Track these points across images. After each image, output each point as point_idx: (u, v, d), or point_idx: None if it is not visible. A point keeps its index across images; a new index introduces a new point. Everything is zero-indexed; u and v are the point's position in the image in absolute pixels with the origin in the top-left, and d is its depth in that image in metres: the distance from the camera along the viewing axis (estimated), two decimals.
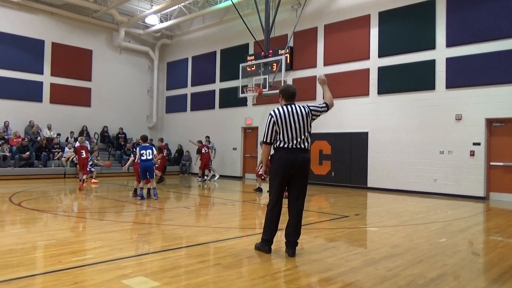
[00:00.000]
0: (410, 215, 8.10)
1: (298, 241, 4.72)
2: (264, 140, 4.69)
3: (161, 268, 4.07)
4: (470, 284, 3.84)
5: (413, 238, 5.85)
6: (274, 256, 4.62)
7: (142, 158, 9.39)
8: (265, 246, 4.70)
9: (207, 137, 16.35)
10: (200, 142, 15.75)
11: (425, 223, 7.17)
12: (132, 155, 11.00)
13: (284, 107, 4.69)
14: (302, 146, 4.63)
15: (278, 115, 4.61)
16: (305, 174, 4.72)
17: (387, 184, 13.09)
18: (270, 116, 4.65)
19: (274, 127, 4.61)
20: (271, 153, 4.79)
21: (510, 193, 11.02)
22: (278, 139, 4.63)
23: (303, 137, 4.65)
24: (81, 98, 19.03)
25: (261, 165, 11.15)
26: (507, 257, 4.91)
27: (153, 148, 9.80)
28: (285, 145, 4.59)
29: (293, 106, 4.72)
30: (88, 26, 19.20)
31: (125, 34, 19.85)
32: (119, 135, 19.52)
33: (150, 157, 9.44)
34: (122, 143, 19.13)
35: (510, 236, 6.27)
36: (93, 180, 14.46)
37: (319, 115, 4.80)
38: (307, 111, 4.71)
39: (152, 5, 18.21)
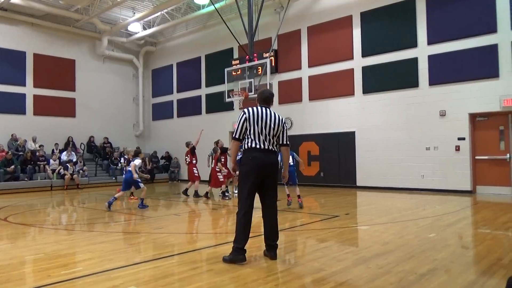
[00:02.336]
0: (400, 212, 8.18)
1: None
2: (235, 136, 4.61)
3: (153, 277, 4.03)
4: (460, 277, 3.89)
5: (403, 234, 5.91)
6: (266, 260, 4.61)
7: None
8: (239, 255, 4.41)
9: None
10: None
11: (414, 219, 7.25)
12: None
13: (258, 108, 4.68)
14: (273, 148, 4.63)
15: (250, 113, 4.58)
16: (276, 175, 4.71)
17: (375, 182, 13.20)
18: (242, 113, 4.62)
19: (245, 124, 4.55)
20: (240, 155, 4.71)
21: (496, 186, 11.22)
22: (249, 138, 4.55)
23: (273, 140, 4.63)
24: (66, 108, 18.79)
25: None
26: (495, 249, 4.99)
27: None
28: (257, 145, 4.52)
29: (267, 109, 4.72)
30: (70, 36, 19.00)
31: (108, 43, 19.69)
32: (105, 145, 19.32)
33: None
34: (109, 152, 18.94)
35: (497, 229, 6.37)
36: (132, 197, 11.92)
37: (283, 135, 4.74)
38: (281, 119, 4.72)
39: (134, 13, 18.13)
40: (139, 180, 9.53)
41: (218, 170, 11.12)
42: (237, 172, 5.60)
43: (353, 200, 10.86)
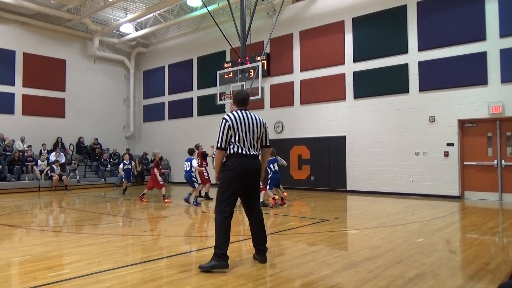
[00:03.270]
0: (389, 217, 8.23)
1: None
2: (219, 145, 4.43)
3: (141, 280, 4.00)
4: (447, 282, 3.92)
5: (392, 239, 5.94)
6: (256, 263, 4.60)
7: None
8: (222, 261, 4.25)
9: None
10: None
11: (403, 224, 7.29)
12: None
13: (239, 112, 4.54)
14: (257, 153, 4.56)
15: (233, 119, 4.43)
16: (259, 180, 4.67)
17: (365, 186, 13.28)
18: (224, 121, 4.43)
19: (229, 132, 4.40)
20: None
21: (484, 192, 11.35)
22: (234, 144, 4.41)
23: (257, 144, 4.57)
24: (55, 109, 18.59)
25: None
26: (482, 254, 5.04)
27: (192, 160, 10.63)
28: (243, 151, 4.41)
29: (247, 112, 4.60)
30: (60, 36, 18.83)
31: (100, 43, 19.56)
32: (95, 146, 19.16)
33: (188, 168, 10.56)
34: (98, 154, 18.78)
35: (485, 234, 6.45)
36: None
37: (266, 137, 4.69)
38: (262, 121, 4.67)
39: (126, 14, 18.05)
40: (196, 180, 10.32)
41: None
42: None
43: (343, 204, 10.90)
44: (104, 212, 9.49)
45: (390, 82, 12.87)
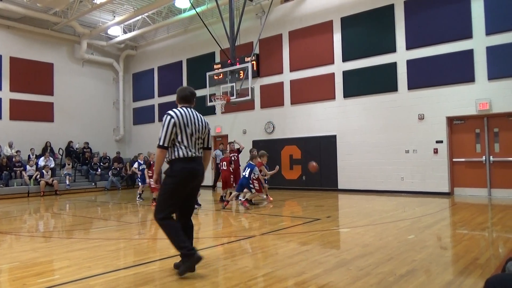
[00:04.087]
0: (380, 214, 8.28)
1: None
2: (161, 143, 4.05)
3: (133, 283, 3.97)
4: (438, 277, 3.96)
5: (383, 236, 5.98)
6: (248, 263, 4.59)
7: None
8: (192, 255, 4.00)
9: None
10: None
11: (394, 221, 7.35)
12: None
13: (184, 109, 4.23)
14: (200, 154, 4.29)
15: (179, 116, 4.10)
16: (200, 185, 4.39)
17: (356, 185, 13.35)
18: (169, 117, 4.07)
19: (174, 130, 4.06)
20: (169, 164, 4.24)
21: (473, 188, 11.49)
22: (179, 145, 4.09)
23: (200, 146, 4.29)
24: (43, 113, 18.39)
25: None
26: (472, 249, 5.10)
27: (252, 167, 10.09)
28: (189, 154, 4.10)
29: (192, 110, 4.31)
30: (48, 39, 18.64)
31: (88, 46, 19.40)
32: (85, 150, 18.98)
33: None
34: (88, 158, 18.62)
35: (474, 229, 6.52)
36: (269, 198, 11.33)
37: (208, 138, 4.42)
38: (206, 122, 4.43)
39: (114, 16, 17.92)
40: (252, 185, 9.93)
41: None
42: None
43: (335, 203, 10.95)
44: (95, 216, 9.41)
45: (379, 81, 12.96)
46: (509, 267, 2.06)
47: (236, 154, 11.95)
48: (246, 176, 9.96)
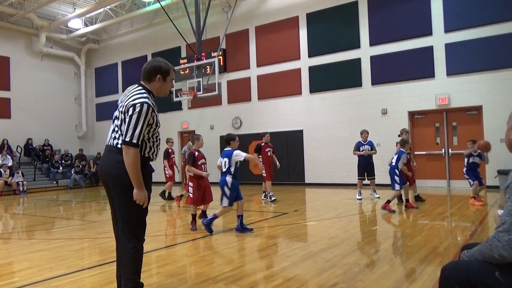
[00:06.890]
0: (345, 207, 8.47)
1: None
2: (134, 141, 2.85)
3: (98, 283, 3.87)
4: (400, 266, 4.10)
5: (348, 228, 6.12)
6: (216, 259, 4.58)
7: None
8: None
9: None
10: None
11: (359, 214, 7.53)
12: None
13: (150, 96, 3.05)
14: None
15: (152, 105, 2.96)
16: None
17: (323, 179, 13.58)
18: (146, 105, 2.88)
19: (150, 120, 2.94)
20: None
21: (433, 179, 11.95)
22: (149, 141, 3.01)
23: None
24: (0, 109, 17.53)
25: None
26: (432, 238, 5.31)
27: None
28: (154, 153, 3.11)
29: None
30: (3, 32, 17.71)
31: (47, 40, 18.60)
32: (45, 147, 18.26)
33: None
34: (49, 155, 17.94)
35: (434, 219, 6.79)
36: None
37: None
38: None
39: (75, 9, 17.27)
40: (397, 181, 7.89)
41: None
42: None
43: (302, 197, 11.10)
44: (57, 216, 9.08)
45: (344, 76, 13.21)
46: (462, 255, 2.18)
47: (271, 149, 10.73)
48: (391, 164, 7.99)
